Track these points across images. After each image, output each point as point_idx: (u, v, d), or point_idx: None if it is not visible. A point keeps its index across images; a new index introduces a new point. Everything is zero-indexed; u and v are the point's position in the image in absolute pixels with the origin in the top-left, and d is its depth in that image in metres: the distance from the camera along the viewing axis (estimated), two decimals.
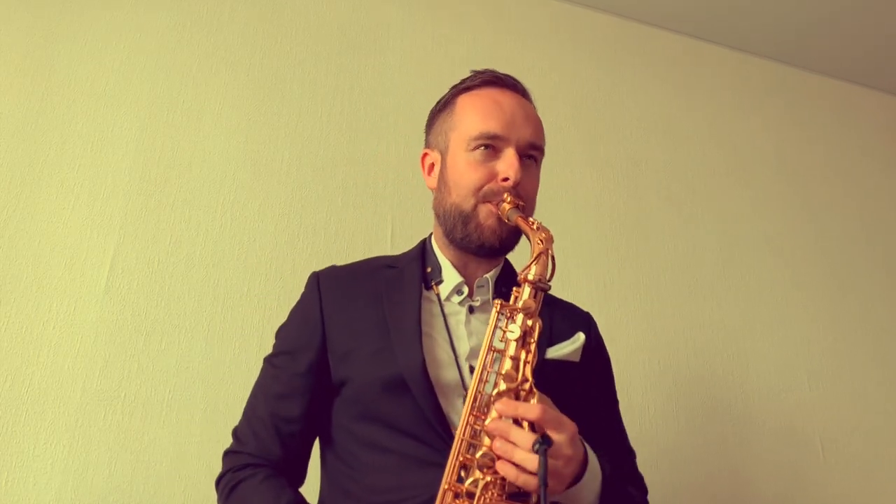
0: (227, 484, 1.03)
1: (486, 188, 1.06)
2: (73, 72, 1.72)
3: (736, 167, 2.30)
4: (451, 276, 1.10)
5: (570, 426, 0.87)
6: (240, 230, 1.68)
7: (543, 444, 0.79)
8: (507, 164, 1.06)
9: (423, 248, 1.16)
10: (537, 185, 1.13)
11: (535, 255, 0.97)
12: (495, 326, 0.93)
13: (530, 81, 2.14)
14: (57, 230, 1.56)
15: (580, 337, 1.08)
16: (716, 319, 2.02)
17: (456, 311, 1.09)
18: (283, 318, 1.31)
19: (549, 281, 0.97)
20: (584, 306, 1.92)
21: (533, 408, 0.85)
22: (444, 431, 0.95)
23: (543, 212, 1.97)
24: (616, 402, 1.22)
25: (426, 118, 1.22)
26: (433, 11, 2.14)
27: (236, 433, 1.09)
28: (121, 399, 1.46)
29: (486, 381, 0.91)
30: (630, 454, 1.18)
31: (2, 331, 1.45)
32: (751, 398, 1.94)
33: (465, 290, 1.10)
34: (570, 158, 2.09)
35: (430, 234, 1.18)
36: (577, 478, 0.89)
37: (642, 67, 2.33)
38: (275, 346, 1.14)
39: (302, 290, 1.16)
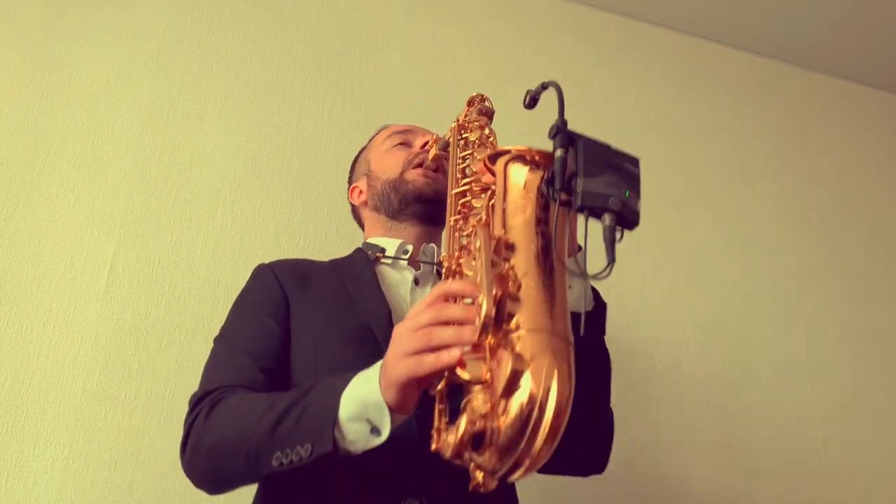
0: (204, 407, 0.90)
1: (407, 158, 1.18)
2: (73, 70, 1.71)
3: (738, 166, 2.29)
4: (391, 244, 1.14)
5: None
6: (240, 229, 1.67)
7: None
8: (422, 137, 1.20)
9: (361, 249, 1.18)
10: None
11: (473, 113, 1.05)
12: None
13: (531, 80, 2.14)
14: (57, 229, 1.56)
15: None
16: (717, 319, 2.01)
17: (403, 279, 1.10)
18: None
19: (490, 107, 1.06)
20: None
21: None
22: None
23: None
24: None
25: (427, 115, 1.31)
26: (434, 10, 2.14)
27: (203, 381, 0.97)
28: (121, 399, 1.45)
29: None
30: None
31: (2, 330, 1.44)
32: (752, 398, 1.94)
33: (409, 248, 1.12)
34: None
35: (363, 242, 1.22)
36: None
37: (643, 66, 2.33)
38: (228, 320, 1.07)
39: None
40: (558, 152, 0.71)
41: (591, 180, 0.68)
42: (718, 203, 2.21)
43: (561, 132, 0.73)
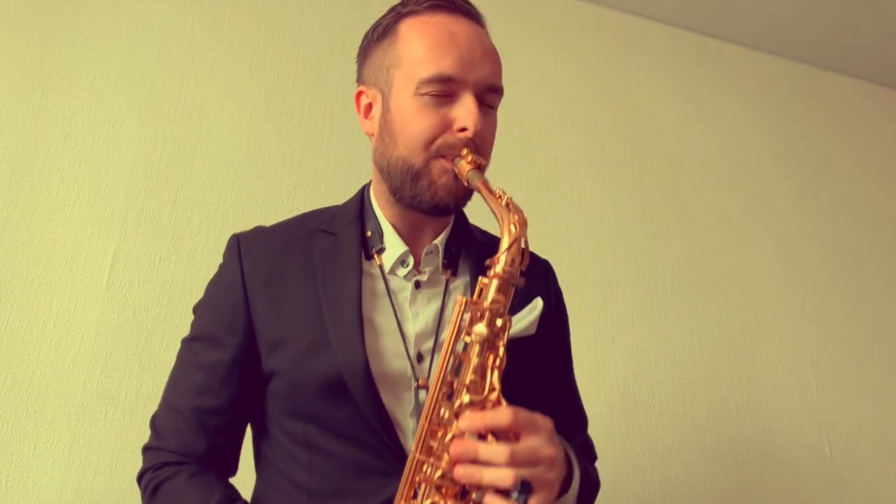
0: (148, 485, 0.91)
1: (439, 140, 0.88)
2: (73, 68, 1.71)
3: (742, 164, 2.28)
4: (394, 244, 0.95)
5: (545, 424, 0.76)
6: (242, 228, 1.65)
7: (523, 493, 0.69)
8: (466, 111, 0.88)
9: (362, 205, 1.00)
10: (494, 135, 0.96)
11: (506, 244, 0.80)
12: (457, 325, 0.78)
13: (535, 78, 2.14)
14: (58, 228, 1.55)
15: (538, 304, 0.93)
16: (722, 318, 2.00)
17: (401, 286, 0.94)
18: None
19: (520, 275, 0.81)
20: (589, 305, 1.92)
21: (502, 413, 0.73)
22: (389, 437, 0.85)
23: (547, 210, 1.97)
24: (571, 362, 1.10)
25: None
26: None
27: (155, 424, 0.95)
28: (122, 397, 1.45)
29: (445, 382, 0.77)
30: (584, 421, 1.08)
31: (2, 329, 1.44)
32: (757, 397, 1.93)
33: (411, 261, 0.95)
34: (574, 156, 2.08)
35: (369, 185, 1.01)
36: (565, 483, 0.80)
37: (648, 64, 2.32)
38: (193, 326, 0.99)
39: None
40: None
41: None
42: (722, 201, 2.20)
43: None
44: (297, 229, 1.01)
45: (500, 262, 0.79)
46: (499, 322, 0.78)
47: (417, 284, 0.95)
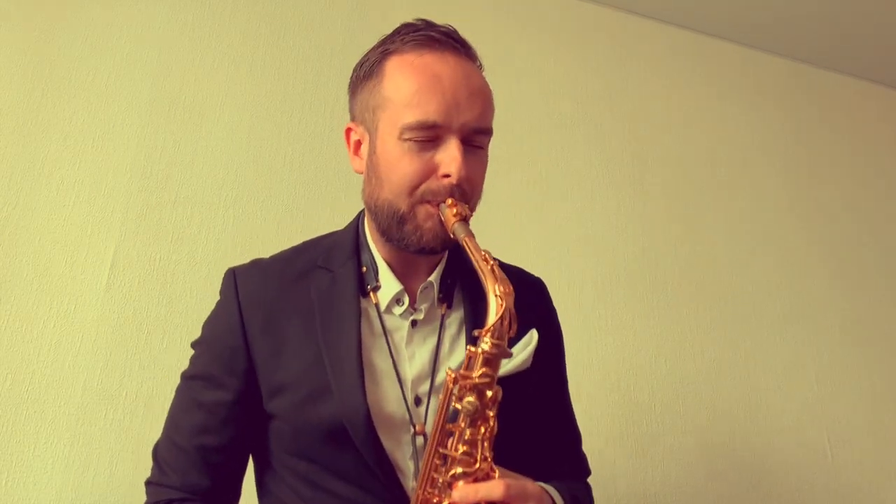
0: None
1: (423, 186, 0.88)
2: (74, 68, 1.70)
3: (743, 164, 2.28)
4: (389, 282, 0.94)
5: (535, 491, 0.79)
6: (242, 228, 1.66)
7: None
8: (450, 157, 0.86)
9: (357, 237, 0.99)
10: (484, 174, 0.94)
11: (492, 319, 0.78)
12: (447, 400, 0.79)
13: (535, 78, 2.14)
14: (58, 227, 1.55)
15: (533, 338, 0.92)
16: (723, 318, 2.00)
17: (397, 325, 0.94)
18: None
19: (509, 347, 0.80)
20: (589, 305, 1.91)
21: (495, 485, 0.75)
22: (390, 480, 0.87)
23: (548, 208, 1.96)
24: (565, 382, 1.10)
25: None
26: (437, 8, 2.12)
27: (157, 458, 0.97)
28: (122, 397, 1.44)
29: (438, 456, 0.80)
30: (577, 440, 1.09)
31: (2, 329, 1.43)
32: (758, 397, 1.93)
33: (406, 300, 0.95)
34: (574, 155, 2.07)
35: (362, 217, 1.01)
36: None
37: (648, 63, 2.31)
38: (192, 363, 0.99)
39: None
40: None
41: None
42: (722, 200, 2.19)
43: None
44: (295, 264, 0.99)
45: (486, 338, 0.78)
46: (489, 393, 0.77)
47: (414, 323, 0.95)
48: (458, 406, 0.77)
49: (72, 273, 1.51)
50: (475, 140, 0.90)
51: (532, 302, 1.00)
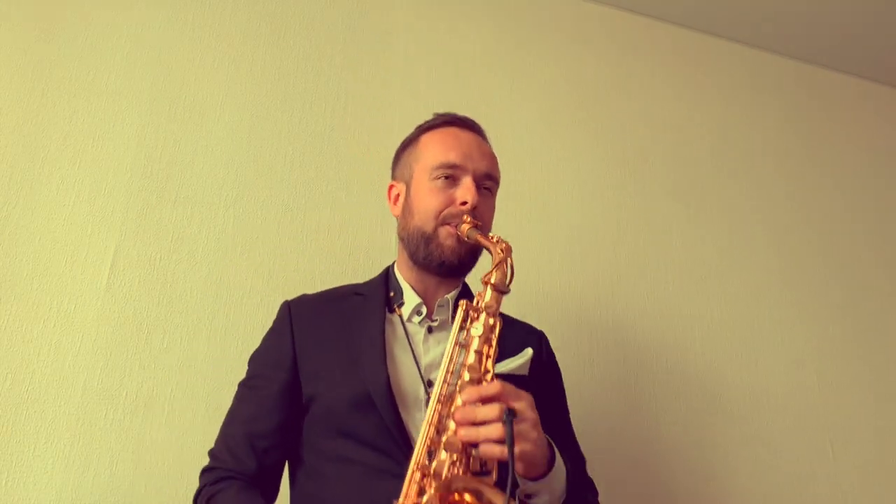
0: (203, 497, 1.08)
1: (445, 212, 1.16)
2: (74, 67, 1.70)
3: (744, 163, 2.27)
4: (411, 298, 1.19)
5: (527, 395, 0.94)
6: (242, 227, 1.66)
7: (510, 415, 0.87)
8: (465, 189, 1.16)
9: (387, 275, 1.25)
10: (493, 213, 1.23)
11: (495, 262, 1.05)
12: (461, 325, 1.01)
13: (536, 77, 2.14)
14: (58, 227, 1.54)
15: (528, 352, 1.16)
16: (724, 317, 2.00)
17: (416, 330, 1.17)
18: None
19: (508, 285, 1.05)
20: (590, 304, 1.91)
21: (492, 385, 0.93)
22: (405, 444, 1.02)
23: (549, 207, 1.96)
24: (567, 412, 1.28)
25: (430, 111, 1.28)
26: (438, 7, 2.12)
27: (212, 452, 1.13)
28: (122, 397, 1.44)
29: (453, 373, 0.99)
30: (582, 462, 1.23)
31: (2, 328, 1.43)
32: (760, 398, 1.92)
33: (424, 310, 1.18)
34: (576, 154, 2.07)
35: (394, 262, 1.27)
36: (548, 462, 0.96)
37: (649, 62, 2.31)
38: (248, 370, 1.19)
39: (304, 287, 1.18)
40: None
41: None
42: (726, 199, 2.19)
43: None
44: (335, 293, 1.27)
45: (493, 275, 1.04)
46: (491, 321, 1.01)
47: (430, 329, 1.17)
48: (469, 327, 1.00)
49: (72, 273, 1.51)
50: (485, 184, 1.19)
51: (535, 349, 1.21)
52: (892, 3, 2.29)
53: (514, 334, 1.20)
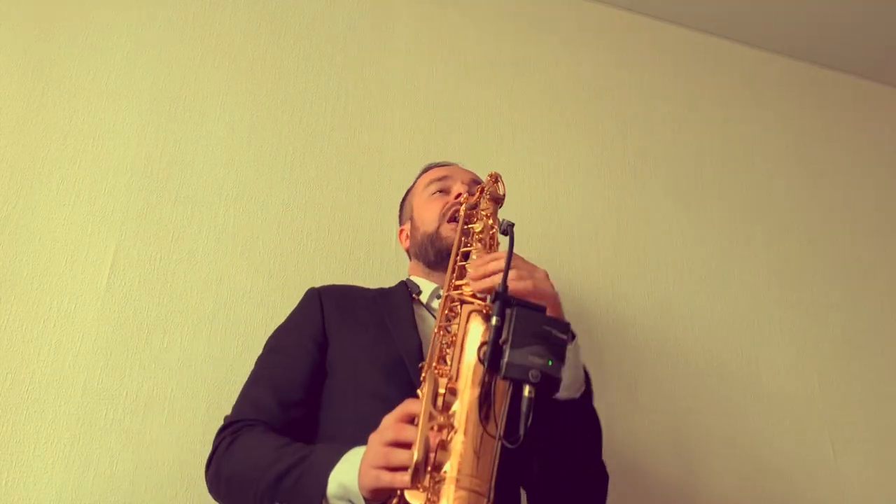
0: (223, 448, 1.06)
1: (445, 209, 1.29)
2: (74, 66, 1.70)
3: (744, 163, 2.27)
4: (427, 287, 1.28)
5: (541, 269, 1.04)
6: (243, 226, 1.66)
7: (510, 225, 0.96)
8: (457, 188, 1.31)
9: (403, 282, 1.32)
10: None
11: (489, 185, 1.19)
12: (462, 230, 1.12)
13: (537, 76, 2.14)
14: (58, 226, 1.54)
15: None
16: (725, 318, 1.99)
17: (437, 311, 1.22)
18: (286, 315, 1.30)
19: (501, 195, 1.19)
20: (591, 301, 1.91)
21: (498, 254, 0.99)
22: None
23: (550, 206, 1.96)
24: None
25: (430, 111, 1.38)
26: (439, 6, 2.12)
27: (229, 416, 1.12)
28: (122, 397, 1.44)
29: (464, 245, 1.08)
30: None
31: (2, 328, 1.43)
32: (761, 398, 1.92)
33: (442, 293, 1.20)
34: (576, 153, 2.07)
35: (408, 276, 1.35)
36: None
37: (649, 62, 2.31)
38: (269, 344, 1.22)
39: (304, 286, 1.18)
40: (493, 320, 0.80)
41: (517, 352, 0.78)
42: (726, 199, 2.19)
43: (498, 298, 0.82)
44: (357, 288, 1.33)
45: (487, 186, 1.18)
46: (490, 221, 1.12)
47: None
48: (472, 227, 1.11)
49: (72, 272, 1.51)
50: (474, 189, 1.25)
51: None
52: (892, 3, 2.29)
53: None
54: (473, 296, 0.96)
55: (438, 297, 1.23)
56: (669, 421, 1.81)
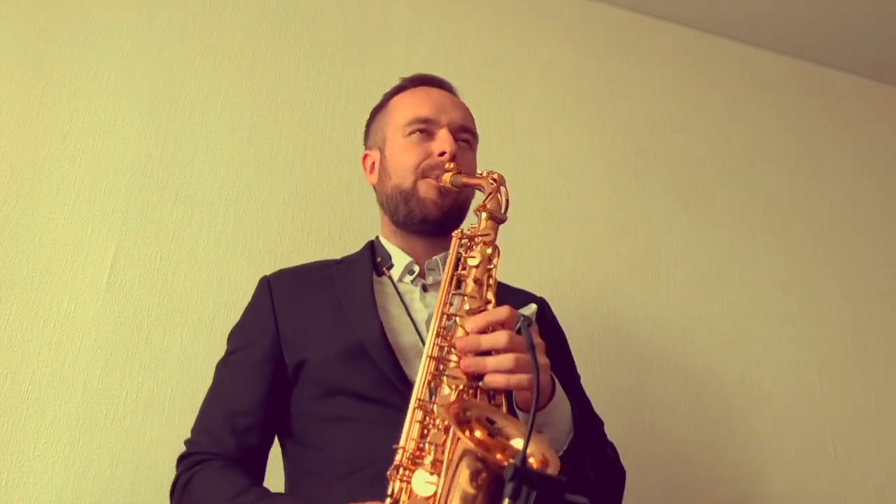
0: (179, 485, 1.01)
1: (423, 164, 1.10)
2: (74, 66, 1.70)
3: (745, 162, 2.27)
4: (400, 259, 1.13)
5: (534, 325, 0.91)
6: (243, 226, 1.66)
7: (526, 323, 0.82)
8: (442, 140, 1.10)
9: (371, 245, 1.19)
10: (475, 167, 1.16)
11: (488, 192, 1.01)
12: (456, 256, 0.97)
13: (537, 75, 2.13)
14: (58, 226, 1.54)
15: (532, 306, 1.03)
16: (726, 316, 1.99)
17: (409, 289, 1.11)
18: None
19: (504, 213, 1.00)
20: (592, 301, 1.91)
21: (501, 309, 0.87)
22: (407, 391, 0.91)
23: (550, 206, 1.96)
24: (578, 376, 1.22)
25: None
26: (438, 7, 2.12)
27: (188, 440, 1.06)
28: (122, 397, 1.44)
29: (451, 303, 0.93)
30: (596, 418, 1.18)
31: (2, 329, 1.43)
32: (761, 395, 1.92)
33: (416, 268, 1.12)
34: (577, 152, 2.07)
35: (377, 237, 1.22)
36: (549, 394, 0.90)
37: (650, 61, 2.31)
38: (228, 347, 1.13)
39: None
40: (506, 502, 0.68)
41: None
42: (727, 198, 2.19)
43: (517, 476, 0.69)
44: (315, 265, 1.21)
45: (487, 204, 0.99)
46: (489, 250, 0.95)
47: (425, 288, 1.11)
48: (467, 258, 0.95)
49: (72, 272, 1.51)
50: (462, 136, 1.13)
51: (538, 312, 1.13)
52: (893, 3, 2.28)
53: (514, 302, 1.06)
54: (465, 373, 0.85)
55: (411, 272, 1.12)
56: (670, 420, 1.81)
